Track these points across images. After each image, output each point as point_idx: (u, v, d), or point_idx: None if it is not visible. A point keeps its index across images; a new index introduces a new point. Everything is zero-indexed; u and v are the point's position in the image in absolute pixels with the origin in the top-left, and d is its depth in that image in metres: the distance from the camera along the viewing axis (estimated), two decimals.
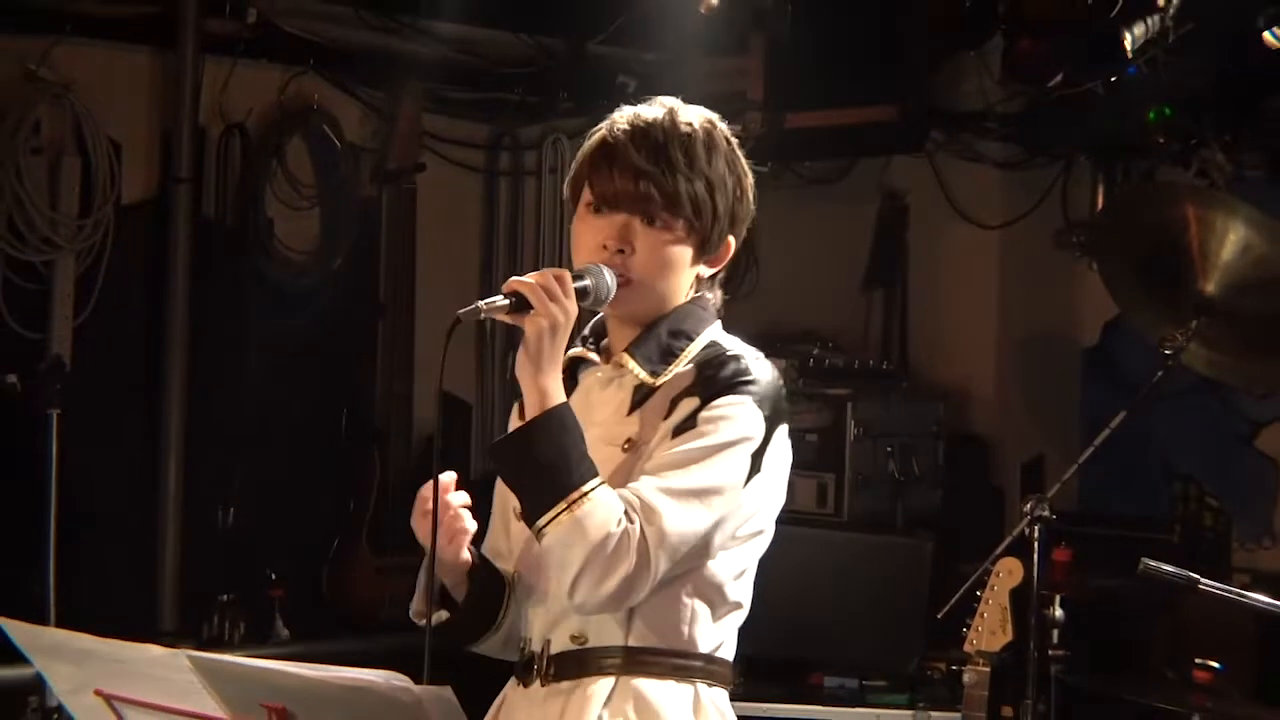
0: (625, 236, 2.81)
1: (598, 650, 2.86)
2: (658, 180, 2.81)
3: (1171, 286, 5.05)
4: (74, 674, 2.72)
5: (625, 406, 2.89)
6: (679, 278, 2.88)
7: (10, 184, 5.31)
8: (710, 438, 2.77)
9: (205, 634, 5.59)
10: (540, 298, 2.70)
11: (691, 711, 2.87)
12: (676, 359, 2.88)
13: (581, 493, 2.70)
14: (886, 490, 5.97)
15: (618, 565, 2.68)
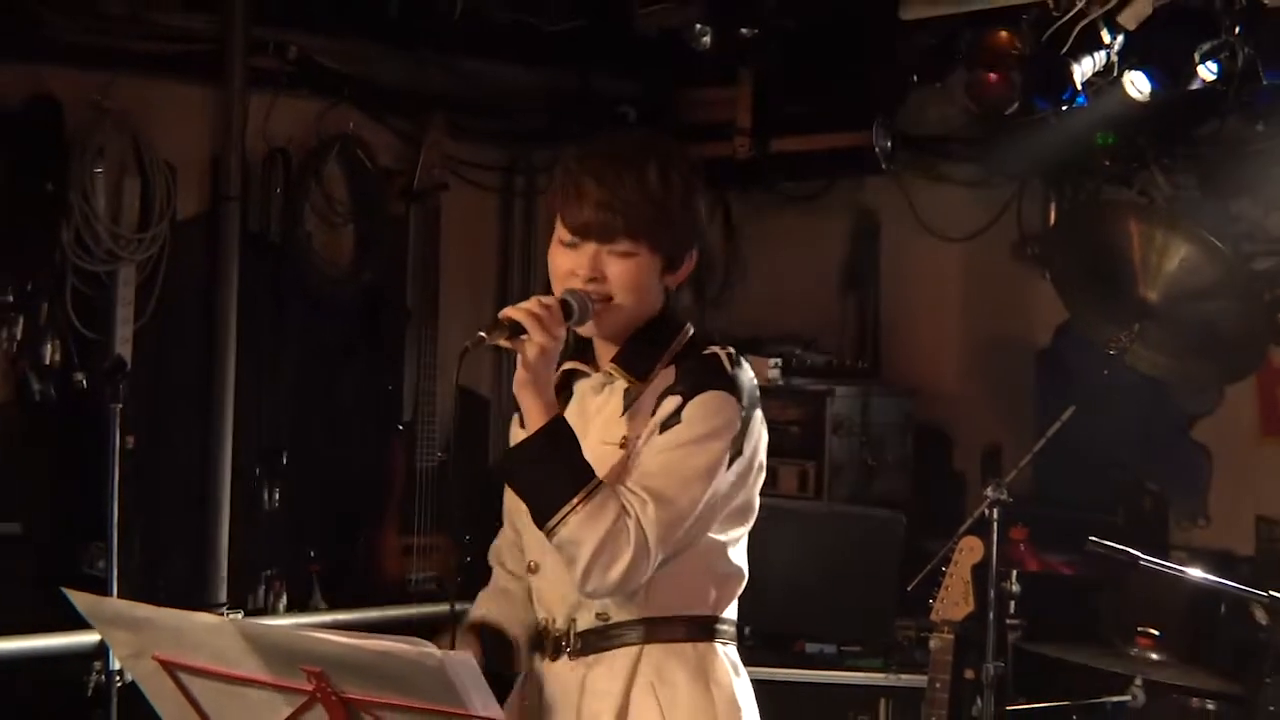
0: (596, 265, 2.84)
1: (620, 624, 2.89)
2: (616, 211, 2.82)
3: (1116, 293, 5.05)
4: (133, 640, 2.71)
5: (618, 409, 2.91)
6: (649, 293, 2.90)
7: (78, 202, 5.31)
8: (693, 430, 2.80)
9: (252, 604, 5.60)
10: (533, 324, 2.73)
11: (708, 670, 2.91)
12: (658, 362, 2.90)
13: (583, 495, 2.73)
14: (861, 476, 5.98)
15: (621, 554, 2.72)
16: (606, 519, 2.72)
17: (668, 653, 2.88)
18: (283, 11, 5.53)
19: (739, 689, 2.93)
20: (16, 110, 5.26)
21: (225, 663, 2.61)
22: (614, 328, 2.91)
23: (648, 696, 2.85)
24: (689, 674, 2.88)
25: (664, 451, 2.80)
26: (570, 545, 2.74)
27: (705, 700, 2.88)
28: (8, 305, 5.28)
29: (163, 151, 5.54)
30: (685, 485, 2.78)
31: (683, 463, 2.79)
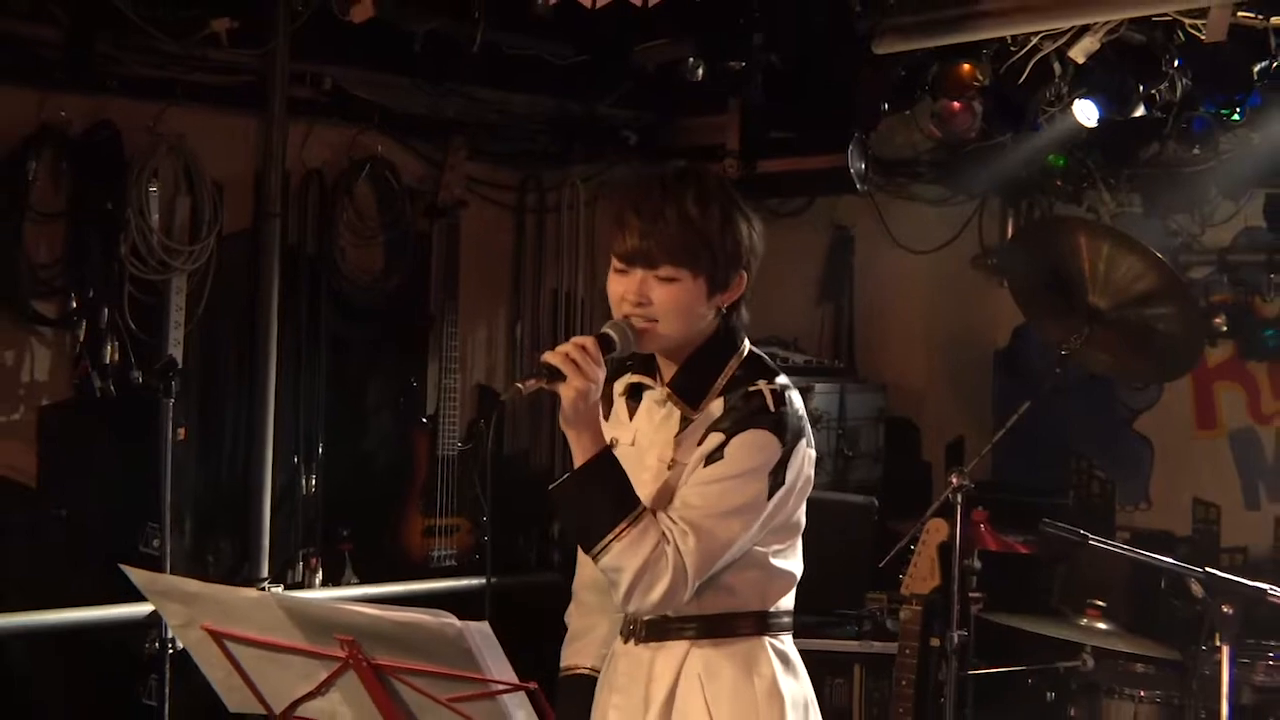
0: (642, 290, 2.80)
1: (677, 620, 2.88)
2: (657, 238, 2.78)
3: (1067, 300, 5.04)
4: (184, 612, 2.70)
5: (674, 431, 2.88)
6: (695, 314, 2.85)
7: (134, 218, 5.30)
8: (734, 467, 2.76)
9: (290, 579, 5.59)
10: (570, 368, 2.69)
11: (753, 663, 2.90)
12: (709, 392, 2.86)
13: (625, 524, 2.71)
14: (838, 464, 5.98)
15: (660, 580, 2.71)
16: (646, 547, 2.70)
17: (717, 647, 2.87)
18: (319, 47, 5.51)
19: (782, 679, 2.91)
20: (80, 136, 5.25)
21: (267, 632, 2.61)
22: (664, 347, 2.88)
23: (694, 687, 2.85)
24: (735, 667, 2.87)
25: (706, 485, 2.76)
26: (612, 571, 2.73)
27: (748, 691, 2.86)
28: (71, 311, 5.27)
29: (211, 172, 5.53)
30: (724, 519, 2.75)
31: (722, 498, 2.75)
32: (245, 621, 2.63)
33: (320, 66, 5.68)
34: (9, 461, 5.22)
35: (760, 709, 2.85)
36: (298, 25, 5.32)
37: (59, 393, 5.32)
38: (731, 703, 2.83)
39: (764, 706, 2.85)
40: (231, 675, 2.73)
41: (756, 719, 2.84)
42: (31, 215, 5.18)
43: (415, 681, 2.53)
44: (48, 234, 5.24)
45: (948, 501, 4.61)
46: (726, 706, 2.83)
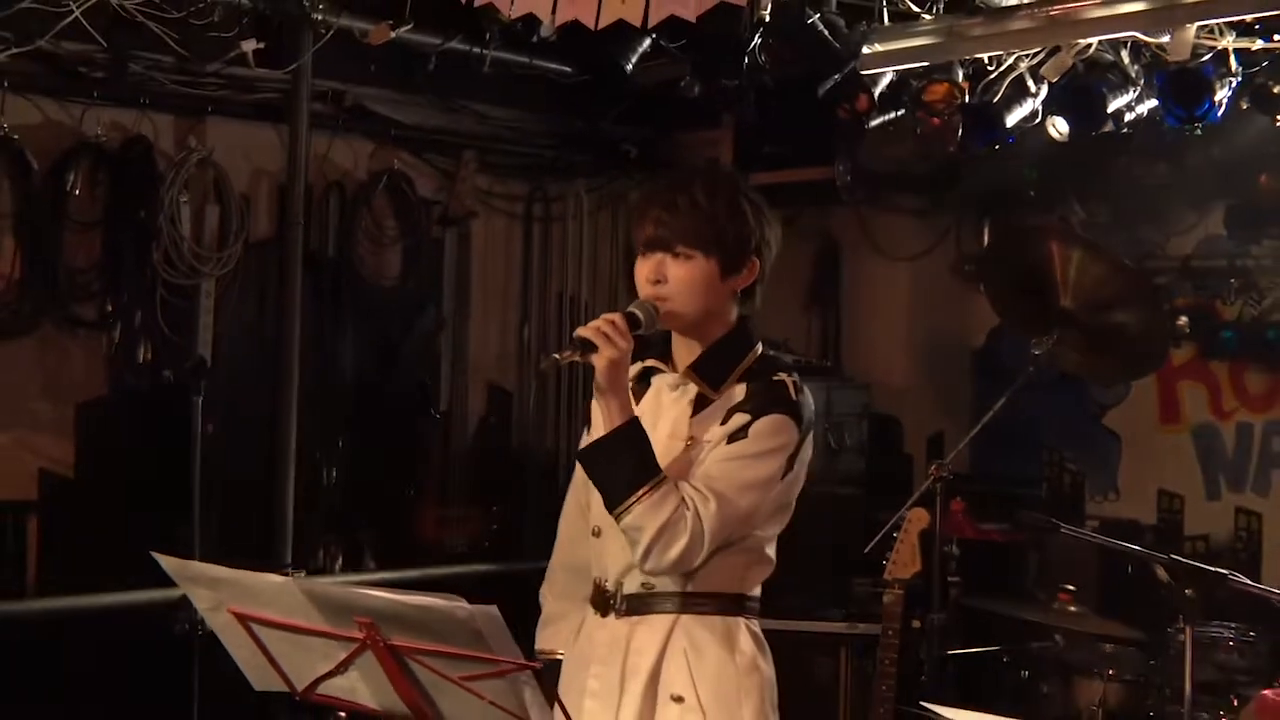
0: (659, 270, 2.86)
1: (661, 594, 2.89)
2: (670, 223, 2.84)
3: (1039, 304, 5.03)
4: (212, 596, 2.70)
5: (689, 411, 2.90)
6: (709, 294, 2.89)
7: (166, 227, 5.31)
8: (757, 445, 2.81)
9: (312, 565, 5.59)
10: (602, 340, 2.74)
11: (736, 639, 2.91)
12: (730, 377, 2.89)
13: (648, 488, 2.73)
14: (825, 457, 5.96)
15: (678, 540, 2.74)
16: (667, 509, 2.72)
17: (699, 623, 2.88)
18: (339, 66, 5.52)
19: (758, 658, 2.93)
20: (116, 150, 5.27)
21: (289, 615, 2.60)
22: (683, 325, 2.92)
23: (680, 660, 2.85)
24: (717, 642, 2.88)
25: (730, 460, 2.80)
26: (633, 530, 2.75)
27: (730, 668, 2.87)
28: (107, 313, 5.29)
29: (238, 184, 5.55)
30: (743, 490, 2.79)
31: (743, 471, 2.80)
32: (269, 605, 2.62)
33: (341, 85, 5.69)
34: (49, 454, 5.24)
35: (740, 685, 2.86)
36: (320, 46, 5.32)
37: (95, 390, 5.33)
38: (715, 678, 2.84)
39: (744, 682, 2.87)
40: (256, 655, 2.72)
41: (737, 694, 2.85)
42: (70, 224, 5.20)
43: (429, 661, 2.52)
44: (85, 242, 5.26)
45: (928, 492, 4.61)
46: (710, 681, 2.84)
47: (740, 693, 2.85)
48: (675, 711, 2.81)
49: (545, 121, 6.24)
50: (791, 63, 5.25)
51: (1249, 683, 4.42)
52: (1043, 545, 5.09)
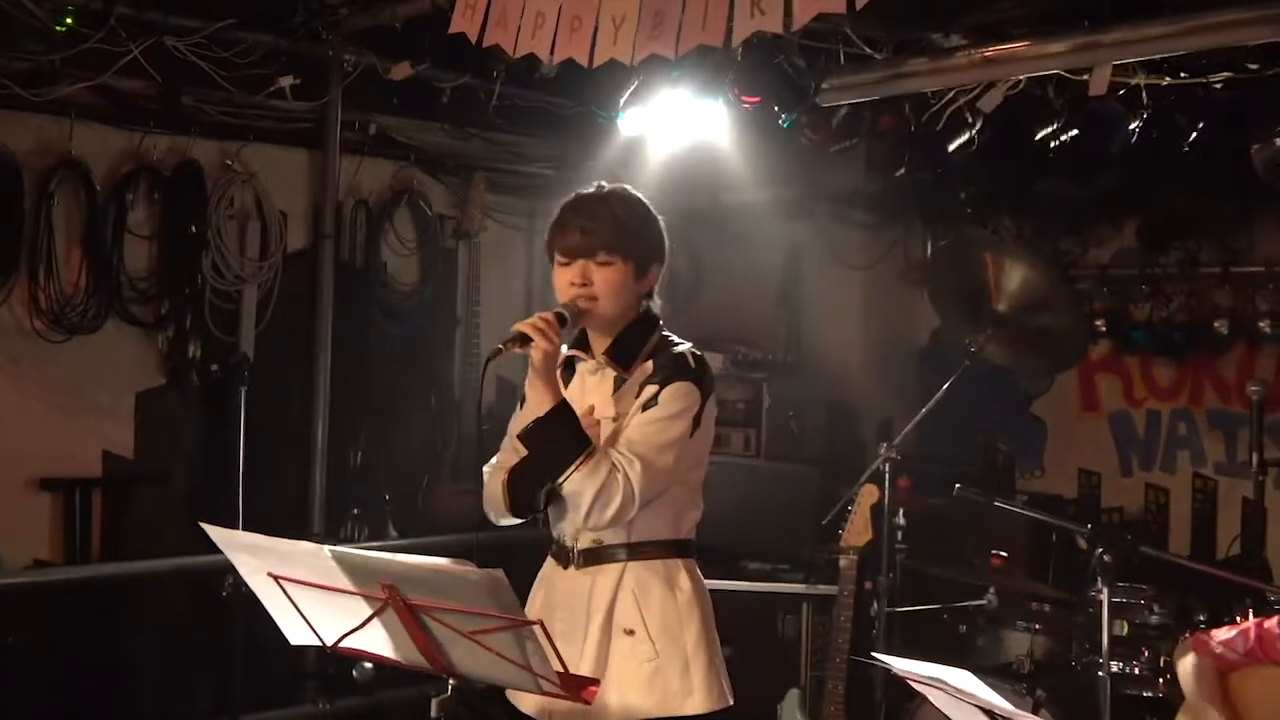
0: (585, 274, 2.92)
1: (610, 547, 2.95)
2: (594, 233, 2.91)
3: (975, 306, 5.04)
4: (252, 561, 2.70)
5: (610, 391, 2.97)
6: (625, 296, 2.95)
7: (214, 239, 5.32)
8: (666, 410, 2.87)
9: (341, 534, 5.58)
10: (537, 334, 2.83)
11: (676, 577, 2.96)
12: (638, 357, 2.96)
13: (582, 459, 2.80)
14: (788, 440, 5.98)
15: (613, 500, 2.80)
16: (601, 474, 2.78)
17: (645, 568, 2.93)
18: (365, 99, 5.52)
19: (696, 591, 2.98)
20: (170, 172, 5.26)
21: (320, 578, 2.61)
22: (602, 323, 2.96)
23: (629, 600, 2.91)
24: (660, 582, 2.93)
25: (645, 425, 2.85)
26: (574, 495, 2.81)
27: (672, 602, 2.93)
28: (162, 315, 5.28)
29: (277, 201, 5.54)
30: (660, 450, 2.84)
31: (659, 434, 2.85)
32: (303, 569, 2.62)
33: (366, 115, 5.68)
34: (112, 437, 5.24)
35: (682, 614, 2.92)
36: (348, 81, 5.33)
37: (152, 381, 5.33)
38: (660, 611, 2.91)
39: (685, 612, 2.93)
40: (291, 613, 2.72)
41: (679, 622, 2.91)
42: (130, 237, 5.19)
43: (443, 618, 2.53)
44: (144, 252, 5.26)
45: (878, 471, 4.62)
46: (656, 613, 2.90)
47: (682, 623, 2.92)
48: (628, 643, 2.88)
49: (545, 146, 6.23)
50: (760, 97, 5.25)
51: (1158, 637, 4.44)
52: (978, 516, 5.09)
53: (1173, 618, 4.50)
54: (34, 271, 4.94)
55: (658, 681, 2.86)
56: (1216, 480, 5.75)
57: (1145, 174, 5.28)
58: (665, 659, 2.87)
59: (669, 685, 2.86)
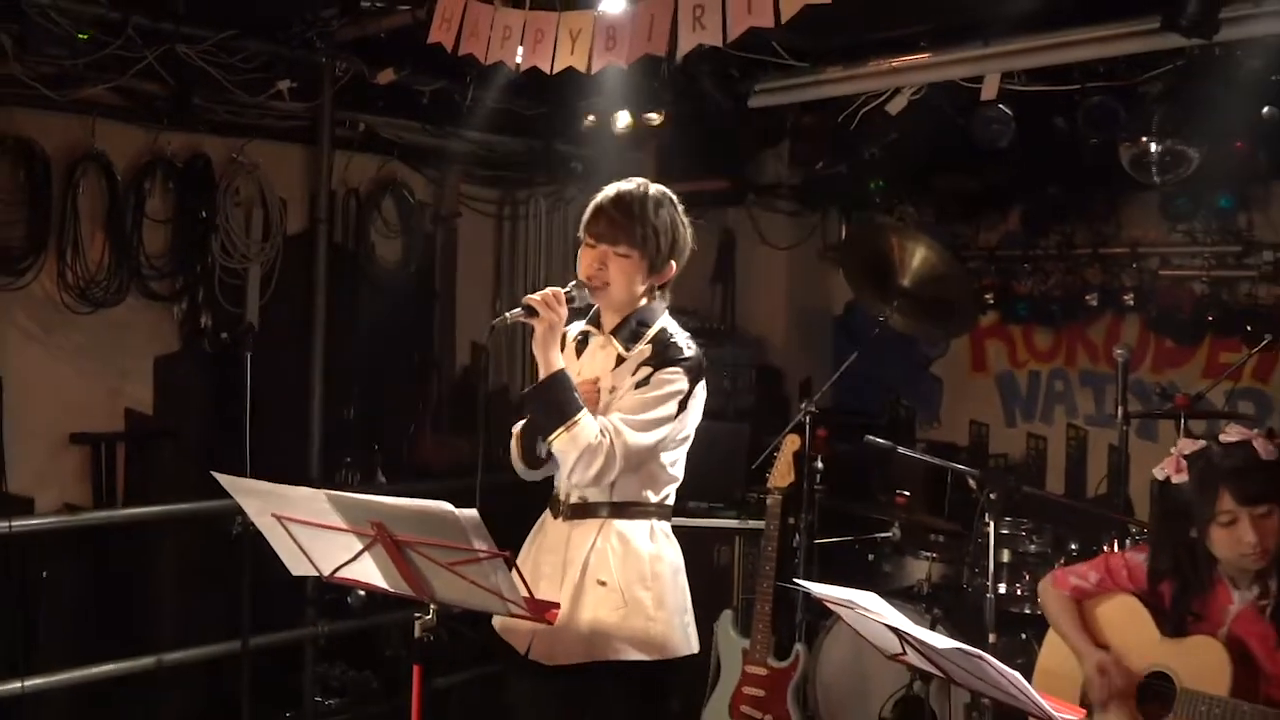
0: (603, 260, 2.88)
1: (594, 503, 2.91)
2: (620, 226, 2.85)
3: (883, 281, 5.07)
4: (259, 504, 2.69)
5: (611, 366, 2.92)
6: (636, 285, 2.91)
7: (222, 224, 5.26)
8: (657, 390, 2.83)
9: (336, 480, 5.55)
10: (544, 308, 2.76)
11: (648, 537, 2.93)
12: (640, 340, 2.91)
13: (570, 423, 2.75)
14: (723, 397, 5.99)
15: (595, 461, 2.77)
16: (587, 438, 2.74)
17: (621, 525, 2.89)
18: (354, 100, 5.44)
19: (664, 549, 2.94)
20: (182, 164, 5.18)
21: (318, 518, 2.60)
22: (613, 304, 2.92)
23: (604, 553, 2.87)
24: (634, 541, 2.89)
25: (636, 402, 2.81)
26: (561, 453, 2.78)
27: (642, 558, 2.89)
28: (177, 290, 5.23)
29: (278, 190, 5.47)
30: (647, 425, 2.80)
31: (648, 409, 2.81)
32: (302, 510, 2.61)
33: (355, 114, 5.61)
34: (134, 396, 5.19)
35: (648, 569, 2.88)
36: (339, 85, 5.27)
37: (168, 348, 5.28)
38: (631, 566, 2.87)
39: (650, 567, 2.89)
40: (293, 548, 2.71)
41: (645, 575, 2.88)
42: (147, 221, 5.12)
43: (425, 551, 2.52)
44: (160, 234, 5.18)
45: (800, 423, 4.65)
46: (627, 569, 2.86)
47: (649, 577, 2.88)
48: (601, 592, 2.84)
49: (513, 143, 6.19)
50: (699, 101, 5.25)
51: (1036, 563, 4.51)
52: (884, 461, 5.14)
53: (1049, 547, 4.57)
54: (62, 251, 4.87)
55: (624, 628, 2.82)
56: (1087, 430, 5.83)
57: (1028, 168, 5.32)
58: (632, 609, 2.82)
59: (634, 631, 2.82)
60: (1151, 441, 5.27)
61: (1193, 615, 2.97)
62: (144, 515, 4.99)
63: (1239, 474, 2.84)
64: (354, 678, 5.45)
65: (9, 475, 4.74)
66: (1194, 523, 2.92)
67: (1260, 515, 2.83)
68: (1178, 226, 5.41)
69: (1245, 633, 2.89)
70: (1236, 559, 2.88)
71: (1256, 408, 5.18)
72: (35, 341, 4.89)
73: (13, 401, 4.73)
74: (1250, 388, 5.25)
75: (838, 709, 4.56)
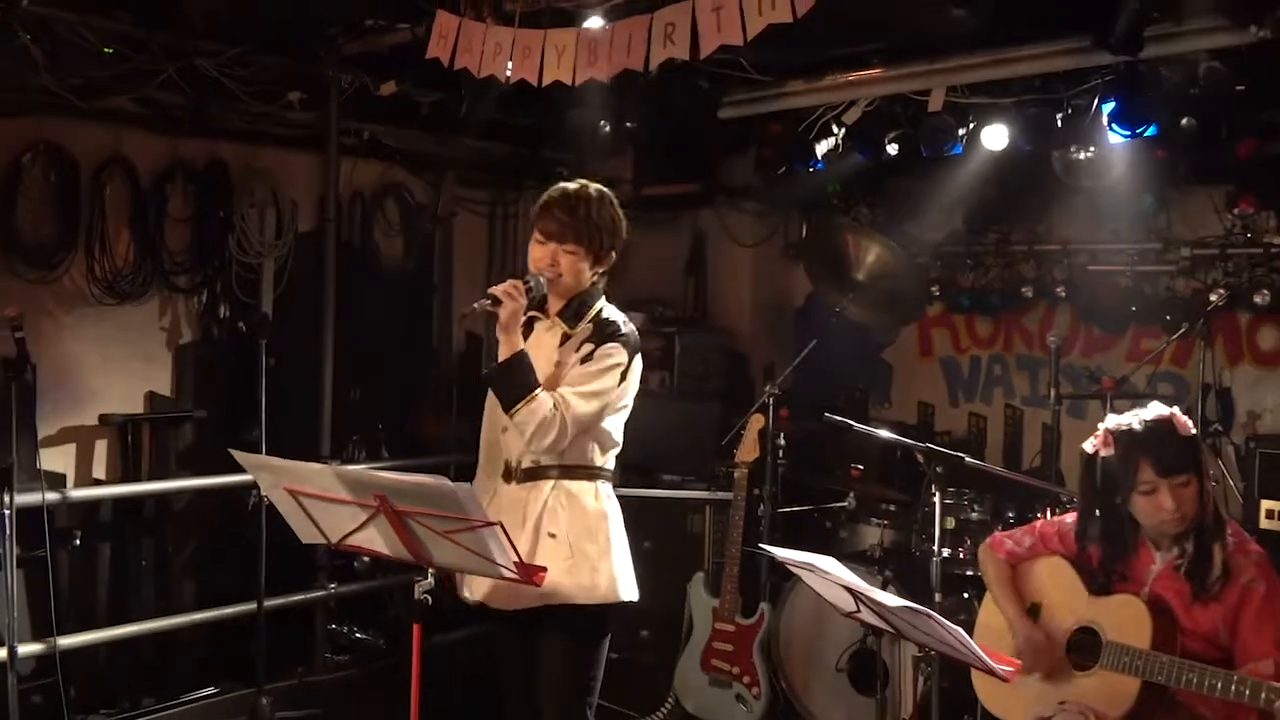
0: (554, 256, 2.95)
1: (544, 467, 2.95)
2: (568, 226, 2.93)
3: (839, 276, 5.08)
4: (272, 479, 2.67)
5: (557, 344, 2.98)
6: (583, 275, 2.97)
7: (239, 223, 5.20)
8: (599, 365, 2.89)
9: (343, 456, 5.52)
10: (506, 298, 2.83)
11: (594, 496, 2.97)
12: (582, 319, 2.97)
13: (529, 397, 2.81)
14: (694, 380, 5.99)
15: (551, 429, 2.81)
16: (544, 409, 2.80)
17: (569, 486, 2.93)
18: (359, 110, 5.41)
19: (607, 506, 2.98)
20: (201, 169, 5.14)
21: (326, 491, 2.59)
22: (560, 294, 2.97)
23: (555, 510, 2.90)
24: (579, 498, 2.93)
25: (581, 375, 2.87)
26: (521, 424, 2.81)
27: (587, 513, 2.93)
28: (197, 283, 5.17)
29: (290, 193, 5.42)
30: (592, 396, 2.85)
31: (590, 383, 2.86)
32: (312, 484, 2.60)
33: (360, 124, 5.57)
34: (158, 381, 5.15)
35: (592, 523, 2.92)
36: (345, 96, 5.23)
37: (190, 336, 5.24)
38: (578, 521, 2.91)
39: (595, 522, 2.93)
40: (303, 519, 2.70)
41: (591, 531, 2.91)
42: (169, 220, 5.07)
43: (424, 521, 2.52)
44: (181, 232, 5.13)
45: (764, 403, 4.65)
46: (573, 523, 2.90)
47: (594, 530, 2.92)
48: (551, 544, 2.88)
49: (503, 149, 6.16)
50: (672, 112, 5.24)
51: (977, 530, 4.53)
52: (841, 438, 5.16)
53: (989, 515, 4.59)
54: (90, 248, 4.82)
55: (572, 575, 2.86)
56: (1023, 410, 5.86)
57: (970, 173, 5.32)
58: (578, 558, 2.87)
59: (580, 579, 2.87)
60: (1081, 420, 5.30)
61: (1118, 575, 2.99)
62: (167, 489, 4.97)
63: (1159, 448, 2.86)
64: (361, 636, 5.44)
65: (42, 453, 4.70)
66: (1119, 492, 2.94)
67: (1178, 485, 2.84)
68: (1105, 226, 5.43)
69: (1165, 590, 2.91)
70: (1157, 524, 2.90)
71: (1175, 389, 5.21)
72: (66, 330, 4.84)
73: (45, 385, 4.69)
74: (1169, 371, 5.28)
75: (798, 661, 4.58)
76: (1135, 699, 2.80)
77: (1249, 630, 2.76)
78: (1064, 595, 3.07)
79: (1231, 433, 5.02)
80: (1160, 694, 2.80)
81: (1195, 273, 5.13)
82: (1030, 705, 3.03)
